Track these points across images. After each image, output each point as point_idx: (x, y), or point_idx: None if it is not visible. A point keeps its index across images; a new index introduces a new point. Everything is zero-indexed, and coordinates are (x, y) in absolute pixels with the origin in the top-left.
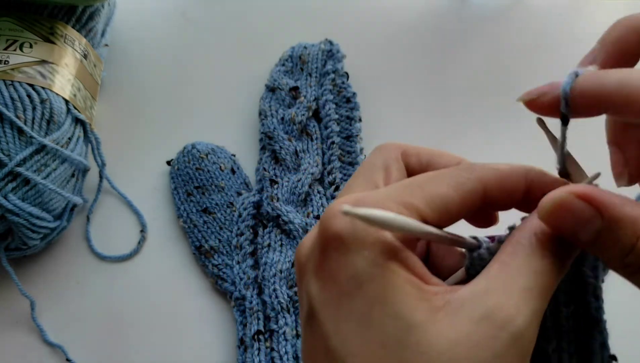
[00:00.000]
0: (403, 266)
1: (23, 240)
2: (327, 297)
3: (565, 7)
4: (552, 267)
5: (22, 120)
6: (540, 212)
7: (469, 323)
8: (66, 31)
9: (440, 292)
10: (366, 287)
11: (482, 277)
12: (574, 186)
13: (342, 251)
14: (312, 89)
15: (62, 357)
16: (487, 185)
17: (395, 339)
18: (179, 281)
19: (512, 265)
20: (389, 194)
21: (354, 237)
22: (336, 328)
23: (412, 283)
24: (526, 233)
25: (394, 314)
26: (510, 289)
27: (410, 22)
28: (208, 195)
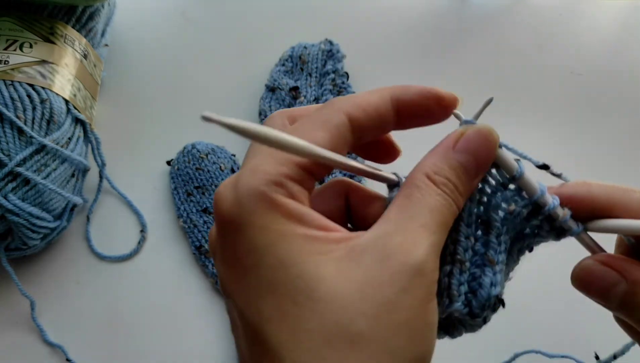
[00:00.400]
0: (299, 222)
1: (23, 240)
2: (233, 277)
3: (565, 7)
4: (445, 204)
5: (22, 120)
6: (572, 278)
7: (373, 265)
8: (66, 31)
9: (343, 239)
10: (266, 256)
11: (382, 221)
12: (598, 255)
13: (236, 229)
14: (312, 89)
15: (62, 357)
16: (352, 115)
17: (305, 295)
18: (179, 281)
19: (408, 206)
20: (264, 157)
21: (243, 212)
22: (247, 300)
23: (311, 237)
24: (419, 174)
25: (299, 273)
26: (408, 228)
27: (410, 22)
28: (208, 195)
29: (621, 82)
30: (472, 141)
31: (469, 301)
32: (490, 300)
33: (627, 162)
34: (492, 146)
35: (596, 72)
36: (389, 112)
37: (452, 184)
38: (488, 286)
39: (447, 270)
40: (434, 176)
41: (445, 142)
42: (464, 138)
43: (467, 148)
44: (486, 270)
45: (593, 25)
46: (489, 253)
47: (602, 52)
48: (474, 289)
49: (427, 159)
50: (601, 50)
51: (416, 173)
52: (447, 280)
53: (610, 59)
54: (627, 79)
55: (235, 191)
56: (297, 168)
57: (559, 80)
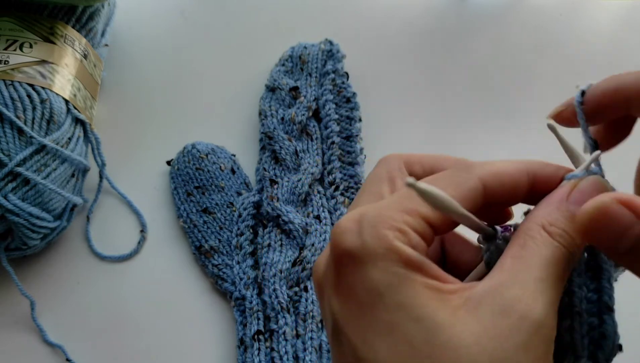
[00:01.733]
0: (418, 271)
1: (23, 240)
2: (349, 311)
3: (565, 7)
4: (562, 256)
5: (22, 120)
6: (581, 216)
7: (490, 317)
8: (66, 31)
9: (458, 290)
10: (386, 297)
11: (497, 271)
12: (616, 193)
13: (357, 265)
14: (312, 89)
15: (62, 357)
16: (487, 182)
17: (421, 340)
18: (179, 281)
19: (524, 257)
20: (392, 203)
21: (365, 250)
22: (363, 339)
23: (429, 286)
24: (534, 225)
25: (417, 317)
26: (525, 281)
27: (410, 22)
28: (208, 195)
29: None
30: (586, 192)
31: (592, 353)
32: (615, 348)
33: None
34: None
35: (596, 72)
36: (524, 186)
37: (568, 236)
38: (612, 335)
39: (567, 325)
40: (550, 227)
41: (558, 192)
42: (578, 189)
43: (582, 200)
44: (605, 318)
45: (593, 25)
46: (604, 299)
47: (602, 51)
48: (595, 339)
49: (539, 210)
50: (601, 50)
51: (530, 223)
52: (568, 335)
53: (611, 59)
54: None
55: (359, 228)
56: (421, 220)
57: (559, 80)
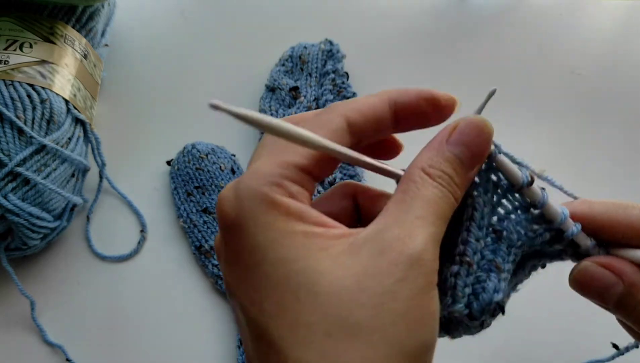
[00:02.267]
0: (299, 219)
1: (23, 240)
2: (237, 276)
3: (565, 7)
4: (441, 196)
5: (22, 120)
6: (570, 279)
7: (370, 257)
8: (66, 31)
9: (342, 235)
10: (268, 253)
11: (380, 215)
12: (596, 257)
13: (238, 230)
14: (312, 89)
15: (62, 357)
16: (350, 118)
17: (305, 290)
18: (179, 281)
19: (405, 199)
20: (263, 161)
21: (244, 212)
22: (250, 299)
23: (311, 235)
24: (415, 168)
25: (300, 269)
26: (405, 220)
27: (410, 22)
28: (208, 195)
29: (622, 81)
30: (465, 132)
31: (471, 303)
32: (491, 304)
33: (628, 161)
34: (486, 137)
35: (597, 72)
36: (387, 115)
37: (448, 176)
38: (491, 291)
39: (455, 270)
40: (429, 169)
41: (439, 136)
42: (457, 130)
43: (461, 140)
44: (491, 276)
45: (593, 25)
46: (496, 260)
47: (602, 51)
48: (477, 292)
49: (422, 154)
50: (602, 49)
51: (412, 168)
52: (453, 279)
53: (611, 59)
54: (628, 78)
55: (236, 193)
56: (296, 170)
57: (559, 80)
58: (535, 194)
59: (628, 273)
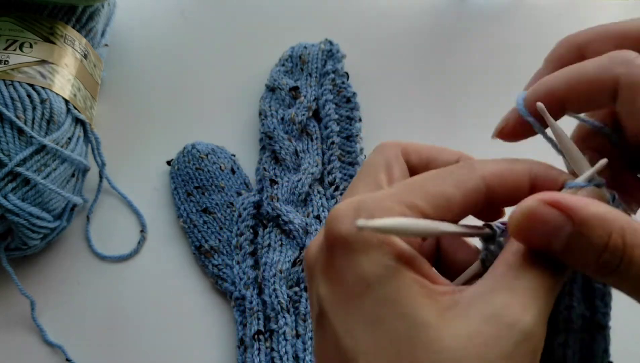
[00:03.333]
0: (409, 266)
1: (23, 240)
2: (336, 297)
3: (565, 7)
4: (555, 267)
5: (22, 120)
6: (510, 225)
7: (478, 322)
8: (66, 31)
9: (448, 292)
10: (374, 288)
11: (488, 277)
12: (542, 194)
13: (349, 253)
14: (312, 89)
15: (62, 357)
16: (489, 182)
17: (405, 337)
18: (179, 281)
19: (516, 265)
20: (390, 195)
21: (360, 238)
22: (346, 328)
23: (419, 283)
24: None
25: (403, 314)
26: (516, 289)
27: (410, 22)
28: (208, 195)
29: None
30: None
31: None
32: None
33: None
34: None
35: None
36: (526, 189)
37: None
38: (601, 353)
39: (562, 340)
40: None
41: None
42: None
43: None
44: (597, 336)
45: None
46: (596, 317)
47: None
48: (585, 356)
49: None
50: None
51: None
52: (561, 350)
53: None
54: None
55: (355, 215)
56: (419, 214)
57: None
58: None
59: (578, 209)
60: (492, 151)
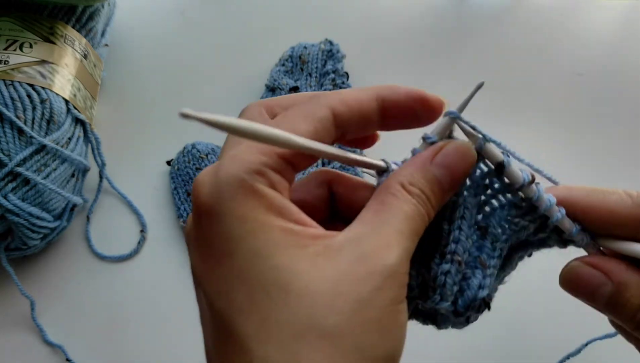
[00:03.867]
0: (278, 214)
1: (23, 240)
2: (206, 264)
3: (565, 7)
4: (418, 213)
5: (22, 120)
6: (560, 281)
7: (348, 264)
8: (66, 31)
9: (319, 236)
10: (242, 243)
11: (358, 223)
12: (584, 257)
13: (213, 216)
14: (312, 89)
15: (62, 357)
16: (336, 110)
17: (278, 287)
18: (179, 281)
19: (383, 211)
20: (246, 147)
21: (222, 200)
22: (218, 290)
23: (289, 231)
24: (395, 183)
25: (275, 265)
26: (383, 231)
27: (410, 22)
28: None
29: (622, 82)
30: (450, 156)
31: (456, 300)
32: (476, 301)
33: (628, 161)
34: (468, 164)
35: (597, 72)
36: (373, 111)
37: (426, 196)
38: (475, 288)
39: (446, 269)
40: (409, 186)
41: (424, 154)
42: (443, 153)
43: (444, 163)
44: (476, 272)
45: (593, 25)
46: (481, 256)
47: (602, 52)
48: (463, 289)
49: (404, 169)
50: (602, 50)
51: (392, 181)
52: (443, 277)
53: (611, 59)
54: (628, 78)
55: (215, 178)
56: (278, 158)
57: (560, 80)
58: (531, 190)
59: (616, 272)
60: None
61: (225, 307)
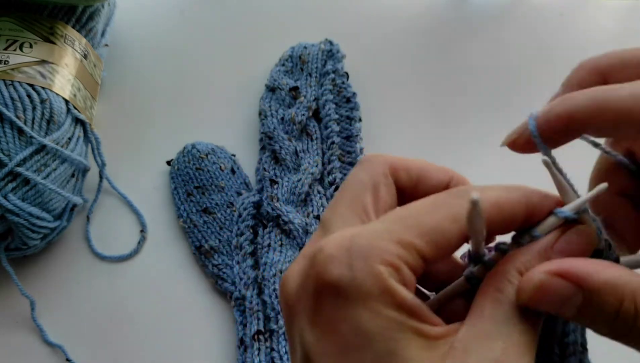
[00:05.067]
0: (411, 315)
1: (23, 240)
2: (327, 349)
3: (565, 7)
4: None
5: (22, 120)
6: (521, 296)
7: None
8: (66, 31)
9: (443, 334)
10: (376, 342)
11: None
12: (549, 264)
13: (343, 301)
14: (312, 89)
15: (62, 357)
16: (486, 213)
17: None
18: (179, 281)
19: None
20: (384, 232)
21: (356, 287)
22: None
23: (419, 333)
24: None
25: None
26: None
27: (410, 22)
28: (208, 195)
29: None
30: (573, 244)
31: None
32: None
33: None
34: (591, 250)
35: None
36: (521, 218)
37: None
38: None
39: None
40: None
41: (543, 240)
42: (565, 239)
43: (566, 250)
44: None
45: (594, 25)
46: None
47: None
48: None
49: (521, 254)
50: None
51: (508, 266)
52: None
53: None
54: None
55: (349, 259)
56: (415, 254)
57: (559, 80)
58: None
59: (587, 277)
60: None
61: None
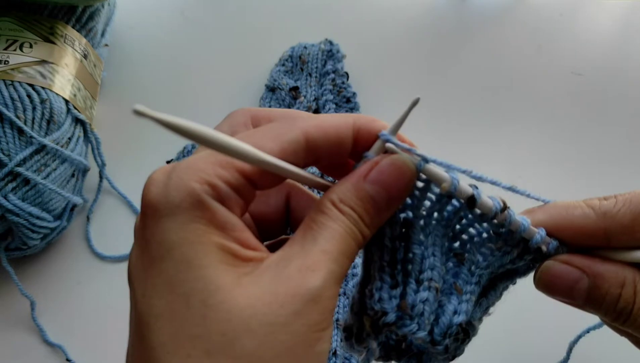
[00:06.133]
0: (220, 229)
1: (23, 240)
2: (139, 262)
3: (565, 7)
4: (348, 233)
5: (22, 120)
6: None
7: (269, 285)
8: (66, 31)
9: (255, 258)
10: (176, 251)
11: (289, 242)
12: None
13: (156, 217)
14: (312, 89)
15: (62, 357)
16: (310, 134)
17: (199, 299)
18: None
19: (312, 228)
20: (206, 155)
21: (167, 203)
22: (144, 292)
23: (224, 248)
24: (326, 200)
25: (200, 277)
26: (309, 251)
27: (410, 22)
28: None
29: (621, 82)
30: (385, 173)
31: (432, 328)
32: (452, 328)
33: (627, 161)
34: (406, 180)
35: (596, 72)
36: (348, 139)
37: (357, 214)
38: (450, 313)
39: (424, 297)
40: (339, 204)
41: (358, 170)
42: (377, 169)
43: (379, 180)
44: (451, 298)
45: (593, 25)
46: (457, 283)
47: (602, 52)
48: (438, 316)
49: (337, 186)
50: (601, 50)
51: (324, 198)
52: (422, 306)
53: (611, 59)
54: (628, 78)
55: (167, 180)
56: (237, 174)
57: (559, 80)
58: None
59: (591, 265)
60: (492, 148)
61: (145, 311)
